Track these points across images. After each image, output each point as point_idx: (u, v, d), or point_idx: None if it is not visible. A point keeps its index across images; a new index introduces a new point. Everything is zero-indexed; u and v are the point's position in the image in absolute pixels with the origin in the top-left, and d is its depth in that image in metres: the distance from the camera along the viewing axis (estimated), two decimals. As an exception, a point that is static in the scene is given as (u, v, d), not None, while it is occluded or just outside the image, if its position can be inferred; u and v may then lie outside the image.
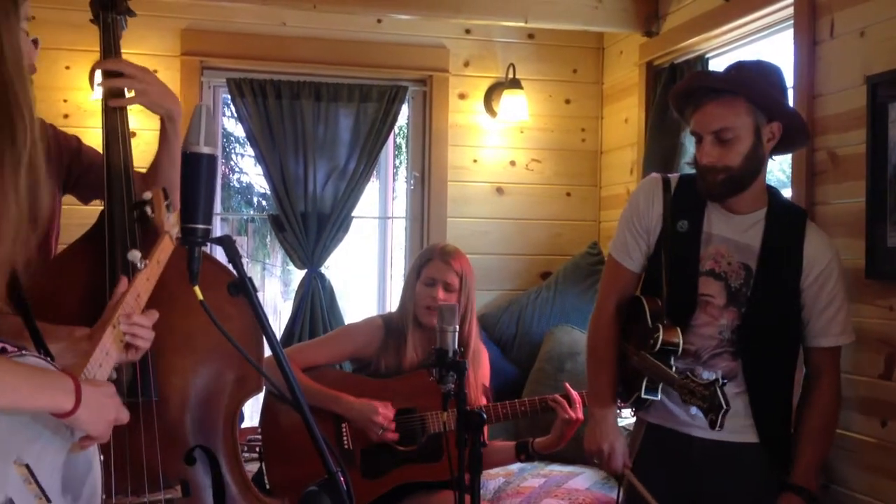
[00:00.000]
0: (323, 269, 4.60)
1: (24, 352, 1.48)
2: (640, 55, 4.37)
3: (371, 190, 4.96)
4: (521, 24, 4.40)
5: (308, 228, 4.52)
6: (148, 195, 1.98)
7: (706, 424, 2.22)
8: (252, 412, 4.52)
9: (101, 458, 1.66)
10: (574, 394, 3.05)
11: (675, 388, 2.35)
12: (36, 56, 1.64)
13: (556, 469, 3.52)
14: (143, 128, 4.08)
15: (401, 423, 3.08)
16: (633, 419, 2.76)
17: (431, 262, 3.23)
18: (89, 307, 2.26)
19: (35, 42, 1.65)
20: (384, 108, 4.60)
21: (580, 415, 3.02)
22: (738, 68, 2.45)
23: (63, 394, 1.43)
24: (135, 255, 1.88)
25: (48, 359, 1.56)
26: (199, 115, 1.56)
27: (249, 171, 8.96)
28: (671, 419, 2.53)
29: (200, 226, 1.58)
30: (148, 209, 1.96)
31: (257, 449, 3.36)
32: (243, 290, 1.58)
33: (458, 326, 2.29)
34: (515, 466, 3.43)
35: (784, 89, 2.48)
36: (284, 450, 3.06)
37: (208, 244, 1.65)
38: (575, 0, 4.30)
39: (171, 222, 2.00)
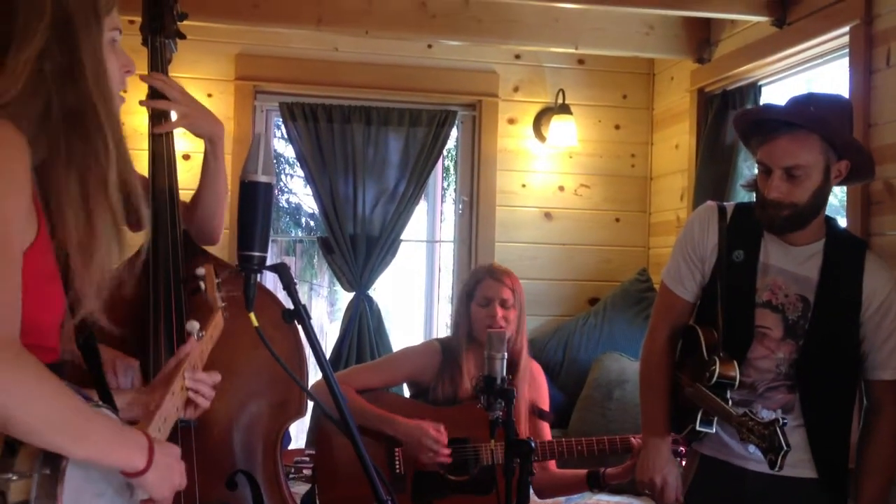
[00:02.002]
0: (370, 292, 4.63)
1: (99, 403, 1.46)
2: (691, 81, 4.35)
3: (418, 212, 4.98)
4: (572, 51, 4.42)
5: (357, 251, 4.55)
6: (201, 271, 1.98)
7: (763, 458, 2.18)
8: (297, 433, 4.56)
9: None
10: None
11: (732, 425, 2.30)
12: (127, 70, 1.60)
13: (605, 499, 3.48)
14: (198, 150, 4.14)
15: (453, 452, 3.05)
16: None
17: (483, 281, 3.19)
18: (130, 331, 2.27)
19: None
20: (433, 133, 4.63)
21: None
22: (813, 102, 2.37)
23: (138, 452, 1.39)
24: (193, 325, 1.85)
25: (116, 412, 1.52)
26: (258, 144, 1.58)
27: (298, 191, 9.05)
28: (726, 451, 2.48)
29: (257, 253, 1.60)
30: (201, 284, 1.96)
31: (304, 471, 3.37)
32: (298, 317, 1.60)
33: (506, 353, 2.28)
34: (562, 497, 3.39)
35: (852, 124, 2.43)
36: (336, 472, 3.05)
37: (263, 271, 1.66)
38: (626, 26, 4.30)
39: (221, 298, 2.00)
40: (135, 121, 4.31)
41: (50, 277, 1.42)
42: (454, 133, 4.81)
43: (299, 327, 1.67)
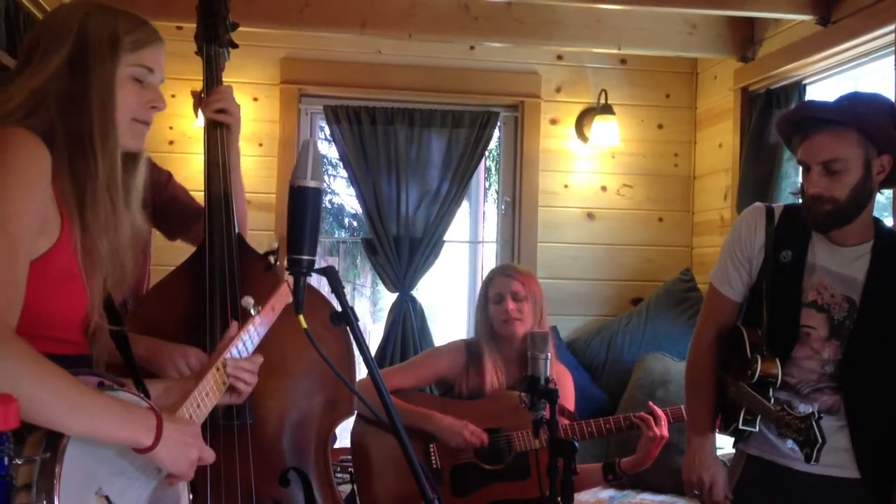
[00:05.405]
0: (414, 293, 4.66)
1: (116, 387, 1.54)
2: (735, 80, 4.33)
3: (461, 213, 5.00)
4: (614, 51, 4.42)
5: (400, 252, 4.59)
6: (275, 245, 2.05)
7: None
8: (342, 432, 4.61)
9: (191, 497, 1.71)
10: (659, 411, 3.09)
11: (771, 421, 2.32)
12: (153, 106, 1.71)
13: (648, 498, 3.49)
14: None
15: (488, 441, 3.12)
16: (732, 450, 2.72)
17: (493, 280, 3.32)
18: (188, 333, 2.35)
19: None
20: (476, 134, 4.65)
21: (665, 432, 3.06)
22: (851, 99, 2.40)
23: (144, 430, 1.46)
24: (248, 301, 1.92)
25: (142, 395, 1.61)
26: (307, 150, 1.62)
27: (341, 191, 9.11)
28: (772, 451, 2.48)
29: (306, 257, 1.63)
30: (272, 258, 2.03)
31: (350, 470, 3.43)
32: (346, 320, 1.63)
33: (549, 354, 2.30)
34: (606, 495, 3.42)
35: (895, 122, 2.42)
36: (376, 472, 3.11)
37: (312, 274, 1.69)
38: (669, 26, 4.30)
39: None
40: (182, 125, 4.42)
41: (72, 275, 1.53)
42: (496, 134, 4.83)
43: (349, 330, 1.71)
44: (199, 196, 2.58)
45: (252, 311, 1.92)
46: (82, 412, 1.37)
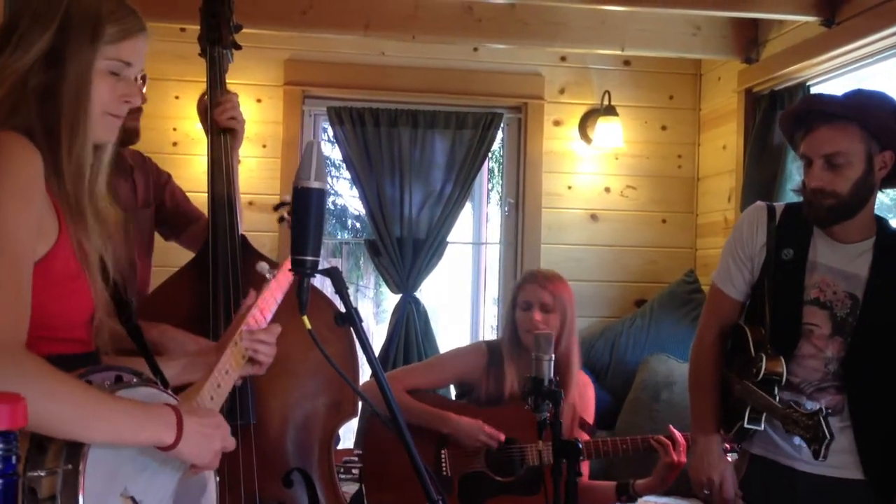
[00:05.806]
0: (417, 294, 4.66)
1: (135, 380, 1.52)
2: (738, 82, 4.33)
3: (464, 214, 5.00)
4: (618, 52, 4.42)
5: (403, 253, 4.59)
6: (287, 198, 2.02)
7: (811, 457, 2.19)
8: (345, 432, 4.61)
9: (218, 479, 1.70)
10: (678, 436, 2.99)
11: (777, 418, 2.32)
12: (126, 100, 1.64)
13: (653, 500, 3.48)
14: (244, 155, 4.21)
15: (500, 452, 3.08)
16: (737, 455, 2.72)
17: (525, 286, 3.24)
18: (192, 333, 2.35)
19: (143, 78, 1.68)
20: (479, 135, 4.65)
21: (683, 458, 2.95)
22: (855, 95, 2.41)
23: (164, 428, 1.44)
24: (263, 266, 1.91)
25: (160, 386, 1.59)
26: (311, 151, 1.61)
27: (344, 193, 9.12)
28: (776, 451, 2.49)
29: (309, 258, 1.63)
30: (286, 212, 2.00)
31: (353, 471, 3.42)
32: (350, 321, 1.63)
33: (553, 355, 2.29)
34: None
35: None
36: (385, 474, 3.09)
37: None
38: (672, 27, 4.29)
39: None
40: (186, 126, 4.42)
41: (74, 275, 1.51)
42: (500, 135, 4.83)
43: (351, 331, 1.70)
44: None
45: (268, 276, 1.91)
46: (101, 421, 1.35)
